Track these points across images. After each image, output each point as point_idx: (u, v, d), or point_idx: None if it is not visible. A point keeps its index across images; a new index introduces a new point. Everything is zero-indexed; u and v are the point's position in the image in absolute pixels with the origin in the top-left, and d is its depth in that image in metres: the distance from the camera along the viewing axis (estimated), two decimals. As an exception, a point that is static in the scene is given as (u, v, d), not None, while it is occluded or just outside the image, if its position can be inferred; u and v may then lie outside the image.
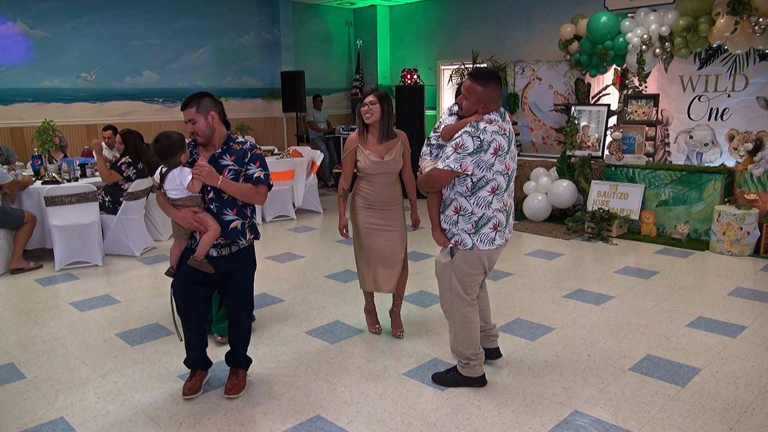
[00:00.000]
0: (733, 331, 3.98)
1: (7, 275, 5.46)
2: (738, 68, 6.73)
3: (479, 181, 2.92)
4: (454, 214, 3.02)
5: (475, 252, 3.02)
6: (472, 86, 2.93)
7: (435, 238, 3.12)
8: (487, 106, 2.94)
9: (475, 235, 3.00)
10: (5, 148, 6.96)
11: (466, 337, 3.15)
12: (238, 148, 3.05)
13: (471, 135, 2.86)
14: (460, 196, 2.98)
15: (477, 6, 10.01)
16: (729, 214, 5.81)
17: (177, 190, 2.97)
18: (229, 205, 3.02)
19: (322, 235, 7.09)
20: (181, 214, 2.97)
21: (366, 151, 3.62)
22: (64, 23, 8.39)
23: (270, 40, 10.69)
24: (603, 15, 7.14)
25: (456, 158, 2.87)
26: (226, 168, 3.00)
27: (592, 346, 3.79)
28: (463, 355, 3.20)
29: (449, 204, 3.04)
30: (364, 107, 3.59)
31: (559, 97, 8.06)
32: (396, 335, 3.94)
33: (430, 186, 3.05)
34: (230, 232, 3.02)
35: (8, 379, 3.44)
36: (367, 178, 3.69)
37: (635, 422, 2.90)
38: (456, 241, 3.03)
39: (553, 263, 5.66)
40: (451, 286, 3.10)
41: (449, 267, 3.08)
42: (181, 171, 2.97)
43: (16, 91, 8.12)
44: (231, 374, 3.28)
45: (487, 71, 2.98)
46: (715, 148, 6.97)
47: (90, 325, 4.25)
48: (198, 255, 2.97)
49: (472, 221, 2.99)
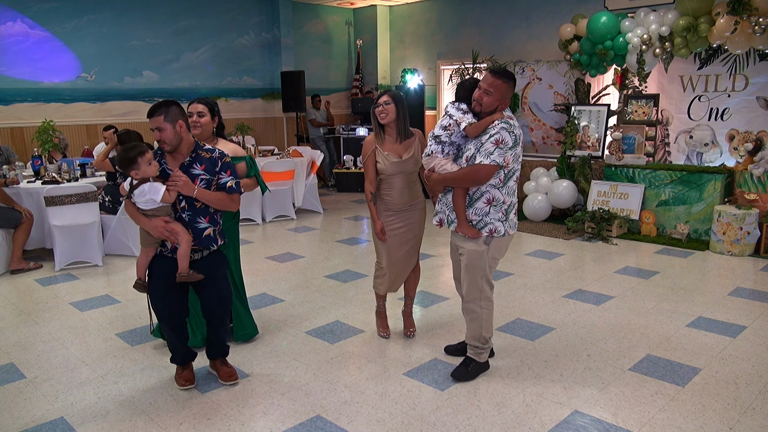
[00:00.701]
0: (734, 331, 3.98)
1: (7, 275, 5.46)
2: (738, 68, 6.73)
3: (509, 172, 3.10)
4: (486, 205, 3.13)
5: (506, 238, 3.21)
6: (498, 83, 3.05)
7: (465, 232, 3.19)
8: (506, 102, 3.11)
9: (506, 222, 3.17)
10: (5, 148, 6.95)
11: (490, 321, 3.33)
12: (207, 156, 3.09)
13: (508, 130, 3.03)
14: (493, 188, 3.11)
15: (477, 6, 10.01)
16: (729, 214, 5.81)
17: (147, 203, 2.96)
18: (201, 214, 3.08)
19: (322, 235, 7.09)
20: (153, 223, 2.97)
21: (384, 152, 3.58)
22: (64, 23, 8.39)
23: (270, 40, 10.69)
24: (603, 15, 7.14)
25: (500, 153, 3.01)
26: (197, 177, 3.04)
27: (592, 346, 3.79)
28: (484, 339, 3.33)
29: (479, 197, 3.14)
30: (378, 107, 3.56)
31: (559, 97, 8.05)
32: (408, 335, 3.94)
33: (471, 182, 3.11)
34: (204, 240, 3.10)
35: (8, 379, 3.44)
36: (384, 180, 3.64)
37: (635, 422, 2.90)
38: (490, 229, 3.15)
39: (553, 263, 5.66)
40: (484, 273, 3.24)
41: (485, 255, 3.21)
42: (152, 186, 2.94)
43: (16, 91, 8.12)
44: (221, 365, 3.36)
45: (507, 70, 3.15)
46: (715, 148, 6.97)
47: (90, 325, 4.25)
48: (183, 270, 3.01)
49: (503, 209, 3.15)
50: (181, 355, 3.29)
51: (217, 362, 3.39)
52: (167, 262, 3.08)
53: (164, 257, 3.09)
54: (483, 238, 3.17)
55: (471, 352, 3.38)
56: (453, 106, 3.27)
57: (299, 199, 8.04)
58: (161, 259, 3.09)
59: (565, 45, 7.66)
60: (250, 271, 5.45)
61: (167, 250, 3.07)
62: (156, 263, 3.10)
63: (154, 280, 3.11)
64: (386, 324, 4.00)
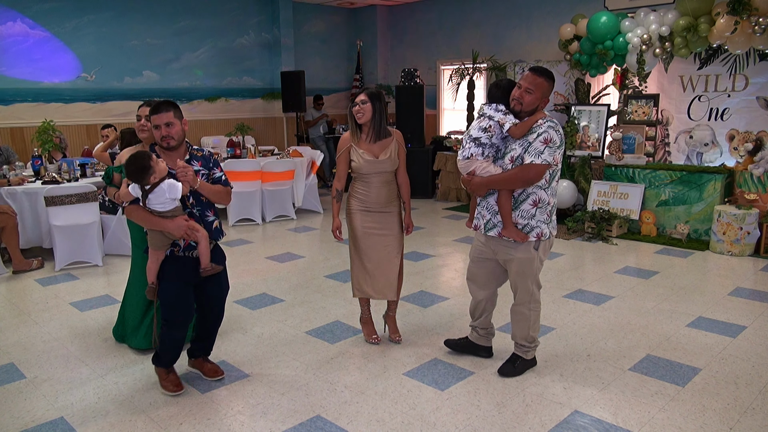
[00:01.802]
0: (734, 331, 3.98)
1: (8, 276, 5.46)
2: (738, 68, 6.73)
3: (554, 173, 3.10)
4: (533, 207, 3.10)
5: (551, 239, 3.21)
6: (540, 81, 3.05)
7: (512, 236, 3.11)
8: (546, 101, 3.11)
9: (550, 223, 3.18)
10: (5, 148, 6.95)
11: (538, 321, 3.35)
12: (200, 154, 3.17)
13: (554, 129, 3.04)
14: (540, 189, 3.09)
15: (477, 6, 10.01)
16: (729, 214, 5.81)
17: (165, 203, 2.93)
18: (208, 207, 3.15)
19: (322, 235, 7.09)
20: (176, 223, 2.95)
21: (360, 150, 3.54)
22: (65, 23, 8.39)
23: (270, 40, 10.69)
24: (603, 15, 7.14)
25: (550, 152, 3.00)
26: (198, 173, 3.06)
27: (592, 346, 3.79)
28: (531, 338, 3.35)
29: (525, 199, 3.10)
30: (355, 107, 3.53)
31: (559, 97, 8.05)
32: (394, 340, 3.85)
33: (523, 182, 3.06)
34: (214, 232, 3.16)
35: (8, 379, 3.44)
36: (361, 178, 3.61)
37: (635, 422, 2.90)
38: (538, 234, 3.12)
39: (553, 263, 5.66)
40: (535, 278, 3.24)
41: (536, 260, 3.19)
42: (170, 185, 2.91)
43: (16, 91, 8.12)
44: (204, 362, 3.40)
45: (546, 68, 3.14)
46: (715, 148, 6.97)
47: (90, 325, 4.25)
48: (205, 265, 3.05)
49: (548, 211, 3.14)
50: (171, 357, 3.25)
51: (200, 360, 3.41)
52: (180, 261, 3.07)
53: (176, 257, 3.06)
54: (532, 243, 3.13)
55: (518, 350, 3.41)
56: (490, 108, 3.19)
57: (299, 199, 8.03)
58: (174, 259, 3.07)
59: (565, 45, 7.67)
60: (249, 271, 5.45)
61: (180, 249, 3.05)
62: (168, 265, 3.07)
63: (167, 282, 3.07)
64: (373, 330, 3.89)
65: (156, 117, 2.97)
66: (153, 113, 2.99)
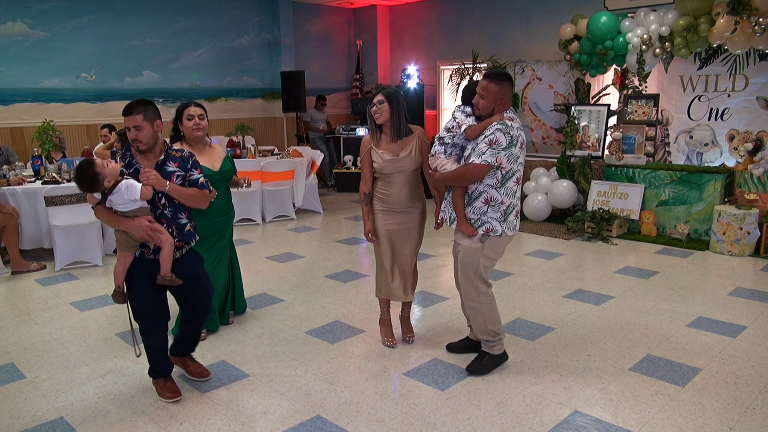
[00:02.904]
0: (734, 331, 3.98)
1: (8, 276, 5.46)
2: (738, 68, 6.72)
3: (507, 173, 3.16)
4: (484, 205, 3.21)
5: (503, 238, 3.25)
6: (488, 85, 3.13)
7: (462, 229, 3.27)
8: (503, 104, 3.17)
9: (504, 222, 3.23)
10: (5, 148, 6.95)
11: (493, 314, 3.37)
12: (178, 155, 3.09)
13: (503, 131, 3.08)
14: (491, 188, 3.18)
15: (477, 6, 10.00)
16: (729, 214, 5.81)
17: (126, 204, 2.86)
18: (182, 209, 3.08)
19: (322, 235, 7.09)
20: (137, 223, 2.87)
21: (380, 151, 3.53)
22: (64, 23, 8.39)
23: (270, 40, 10.69)
24: (603, 15, 7.14)
25: (492, 153, 3.08)
26: (173, 174, 3.03)
27: (591, 345, 3.79)
28: (492, 332, 3.38)
29: (478, 196, 3.21)
30: (373, 107, 3.52)
31: (559, 97, 8.05)
32: (407, 340, 3.86)
33: (465, 180, 3.20)
34: (186, 235, 3.11)
35: (8, 379, 3.44)
36: (383, 178, 3.59)
37: (635, 422, 2.90)
38: (487, 228, 3.22)
39: (553, 263, 5.66)
40: (476, 271, 3.29)
41: (479, 253, 3.26)
42: (128, 185, 2.84)
43: (16, 91, 8.12)
44: (191, 361, 3.40)
45: (500, 72, 3.23)
46: (715, 148, 6.97)
47: (90, 325, 4.25)
48: (165, 273, 2.96)
49: (501, 210, 3.21)
50: (164, 365, 3.17)
51: (187, 359, 3.40)
52: (149, 264, 3.00)
53: (145, 260, 3.00)
54: (479, 236, 3.23)
55: (484, 345, 3.43)
56: (459, 110, 3.36)
57: (299, 199, 8.04)
58: (142, 262, 3.00)
59: (565, 45, 7.66)
60: (250, 271, 5.45)
61: (149, 251, 2.99)
62: (136, 267, 2.99)
63: (137, 286, 2.99)
64: (391, 333, 3.85)
65: (127, 119, 2.91)
66: (125, 114, 2.93)
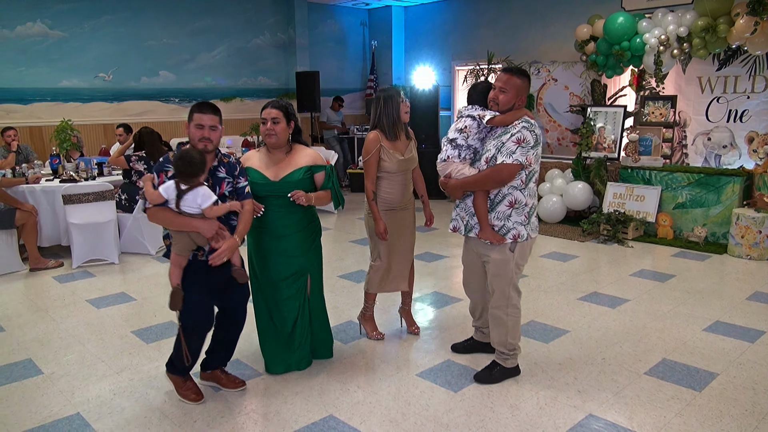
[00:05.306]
0: (752, 336, 3.93)
1: (26, 273, 5.53)
2: (757, 69, 6.63)
3: (530, 173, 3.06)
4: (509, 208, 3.07)
5: (529, 241, 3.15)
6: (511, 79, 3.05)
7: (488, 237, 3.11)
8: (522, 99, 3.07)
9: (528, 225, 3.12)
10: (24, 147, 7.06)
11: (516, 328, 3.27)
12: (227, 161, 3.08)
13: (529, 129, 2.99)
14: (515, 190, 3.06)
15: (492, 6, 9.97)
16: (748, 218, 5.73)
17: (194, 209, 2.88)
18: (233, 213, 3.08)
19: (336, 234, 7.09)
20: (208, 222, 2.88)
21: (390, 150, 3.58)
22: (82, 24, 8.50)
23: (285, 41, 10.74)
24: (620, 15, 7.08)
25: (522, 152, 2.97)
26: (224, 180, 3.02)
27: (607, 349, 3.76)
28: (511, 346, 3.27)
29: (501, 200, 3.08)
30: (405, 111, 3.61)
31: (575, 98, 8.00)
32: (413, 332, 3.95)
33: (495, 183, 3.04)
34: None
35: (26, 375, 3.49)
36: (388, 178, 3.63)
37: (651, 427, 2.87)
38: (514, 235, 3.09)
39: (568, 265, 5.62)
40: (511, 281, 3.17)
41: (511, 262, 3.14)
42: (205, 193, 2.86)
43: (35, 90, 8.24)
44: (222, 373, 3.30)
45: (520, 68, 3.19)
46: (734, 150, 6.88)
47: (106, 322, 4.29)
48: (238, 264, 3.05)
49: (525, 212, 3.10)
50: (191, 365, 3.13)
51: (218, 372, 3.31)
52: (201, 267, 3.01)
53: (198, 262, 3.01)
54: (507, 245, 3.11)
55: (497, 356, 3.34)
56: (467, 109, 3.24)
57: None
58: (195, 264, 3.01)
59: (581, 46, 7.61)
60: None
61: (203, 254, 2.99)
62: (189, 269, 2.99)
63: (190, 288, 2.97)
64: (375, 326, 3.98)
65: (203, 116, 2.89)
66: (199, 111, 2.90)
